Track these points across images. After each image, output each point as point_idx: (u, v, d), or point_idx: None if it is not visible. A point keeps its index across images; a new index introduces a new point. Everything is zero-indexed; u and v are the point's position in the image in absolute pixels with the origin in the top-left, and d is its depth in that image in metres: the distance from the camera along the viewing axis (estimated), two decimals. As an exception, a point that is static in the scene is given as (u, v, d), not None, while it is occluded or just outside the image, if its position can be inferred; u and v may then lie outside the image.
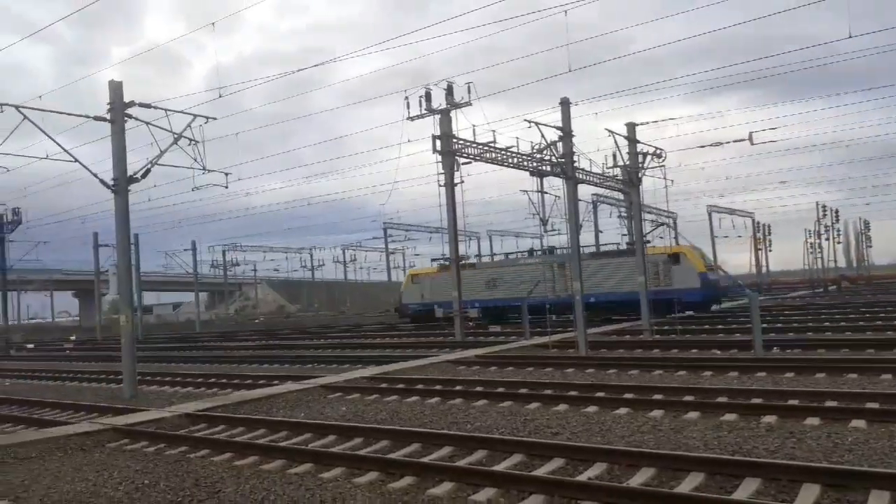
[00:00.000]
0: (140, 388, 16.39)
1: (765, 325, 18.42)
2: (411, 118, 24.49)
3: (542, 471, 7.09)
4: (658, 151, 24.47)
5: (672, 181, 30.65)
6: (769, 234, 60.49)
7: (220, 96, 15.99)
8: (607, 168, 24.07)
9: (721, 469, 6.63)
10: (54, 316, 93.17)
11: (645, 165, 24.43)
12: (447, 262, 33.67)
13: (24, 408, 15.05)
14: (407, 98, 24.41)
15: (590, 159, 22.89)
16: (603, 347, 19.66)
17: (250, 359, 23.67)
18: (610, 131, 23.33)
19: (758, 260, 58.13)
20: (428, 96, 24.49)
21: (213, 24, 24.28)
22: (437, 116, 24.53)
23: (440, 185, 25.62)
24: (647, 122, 45.11)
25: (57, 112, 14.82)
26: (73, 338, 52.43)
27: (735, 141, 23.15)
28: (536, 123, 18.89)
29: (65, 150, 15.25)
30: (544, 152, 19.90)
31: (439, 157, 25.05)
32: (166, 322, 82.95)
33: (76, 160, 15.28)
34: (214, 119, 16.03)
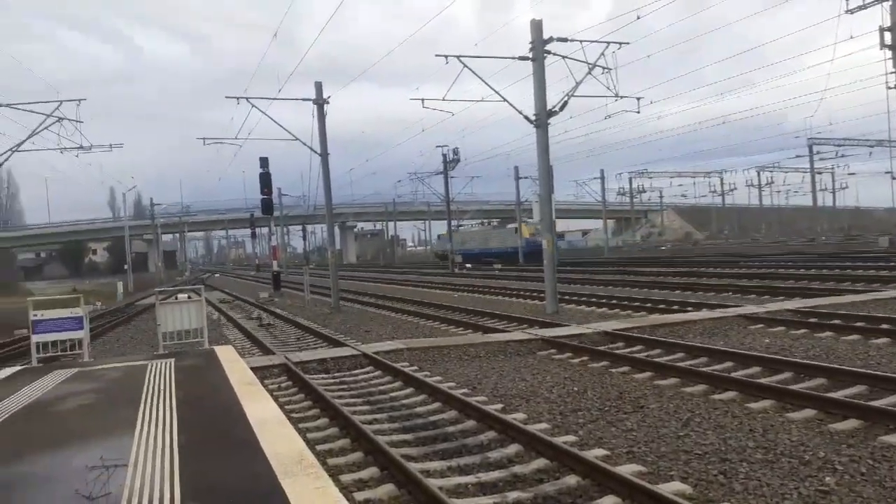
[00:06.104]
0: (560, 306, 17.90)
1: None
2: (850, 11, 20.66)
3: None
4: None
5: None
6: None
7: (637, 18, 15.74)
8: None
9: None
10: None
11: None
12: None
13: (470, 316, 17.83)
14: (845, -12, 20.63)
15: None
16: None
17: (660, 284, 23.76)
18: None
19: None
20: (874, -19, 20.29)
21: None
22: (888, 3, 20.22)
23: (889, 88, 21.31)
24: None
25: (488, 57, 16.60)
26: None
27: None
28: None
29: (495, 91, 17.05)
30: None
31: (889, 54, 20.76)
32: (576, 248, 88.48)
33: (504, 99, 16.99)
34: (627, 44, 16.02)
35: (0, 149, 32.34)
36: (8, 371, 9.96)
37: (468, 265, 52.68)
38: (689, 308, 15.55)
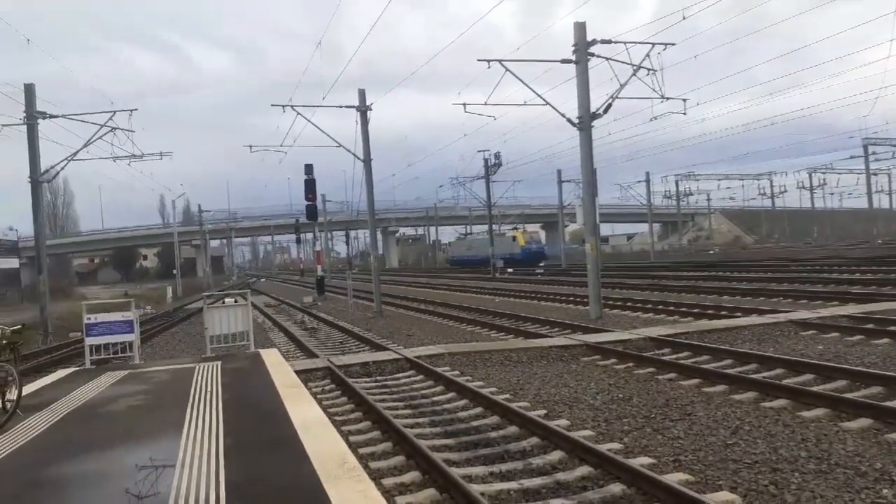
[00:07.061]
0: (604, 311, 17.65)
1: None
2: (907, 7, 19.94)
3: None
4: None
5: None
6: None
7: (683, 18, 15.42)
8: None
9: None
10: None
11: None
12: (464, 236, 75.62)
13: (511, 321, 17.72)
14: (901, -18, 19.94)
15: None
16: None
17: (707, 289, 23.25)
18: None
19: None
20: (933, -25, 19.55)
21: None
22: (947, -2, 19.45)
23: (949, 86, 20.45)
24: None
25: (531, 60, 16.51)
26: (542, 263, 59.47)
27: None
28: None
29: (538, 95, 16.96)
30: None
31: (948, 51, 19.94)
32: (620, 252, 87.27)
33: (547, 103, 16.86)
34: (672, 45, 15.72)
35: (56, 158, 33.57)
36: (63, 373, 10.31)
37: (510, 269, 52.45)
38: (738, 313, 15.17)
